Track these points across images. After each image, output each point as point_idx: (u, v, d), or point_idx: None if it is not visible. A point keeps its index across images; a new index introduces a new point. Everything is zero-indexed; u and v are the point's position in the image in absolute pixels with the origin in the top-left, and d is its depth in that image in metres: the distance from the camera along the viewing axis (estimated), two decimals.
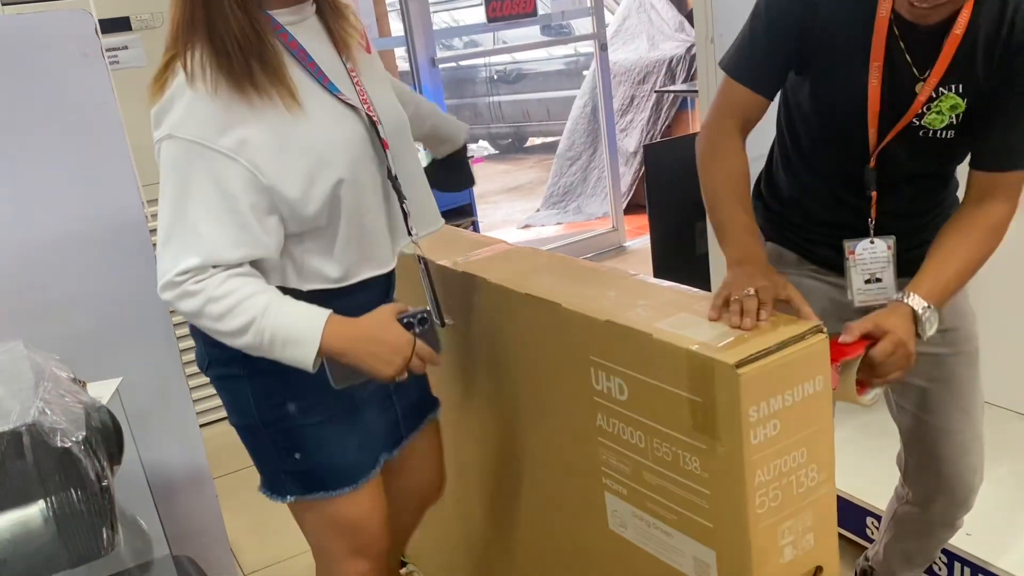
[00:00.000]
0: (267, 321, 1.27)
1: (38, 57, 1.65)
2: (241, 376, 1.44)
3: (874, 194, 1.49)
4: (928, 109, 1.40)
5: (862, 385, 1.33)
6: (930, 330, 1.37)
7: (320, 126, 1.34)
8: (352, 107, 1.38)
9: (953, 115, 1.40)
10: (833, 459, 1.27)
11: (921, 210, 1.55)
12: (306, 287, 1.40)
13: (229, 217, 1.27)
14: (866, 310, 1.43)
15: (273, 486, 1.55)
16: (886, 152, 1.46)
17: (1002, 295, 2.32)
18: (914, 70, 1.39)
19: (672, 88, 5.13)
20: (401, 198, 1.44)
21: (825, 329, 1.22)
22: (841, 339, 1.32)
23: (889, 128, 1.43)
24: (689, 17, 5.22)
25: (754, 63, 1.47)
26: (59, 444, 1.01)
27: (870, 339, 1.32)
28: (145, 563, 1.25)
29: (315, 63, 1.36)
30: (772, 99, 1.51)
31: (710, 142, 1.53)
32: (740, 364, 1.14)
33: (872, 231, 1.52)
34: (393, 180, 1.43)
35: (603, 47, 4.89)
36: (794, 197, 1.62)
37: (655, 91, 5.21)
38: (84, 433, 1.04)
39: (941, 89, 1.39)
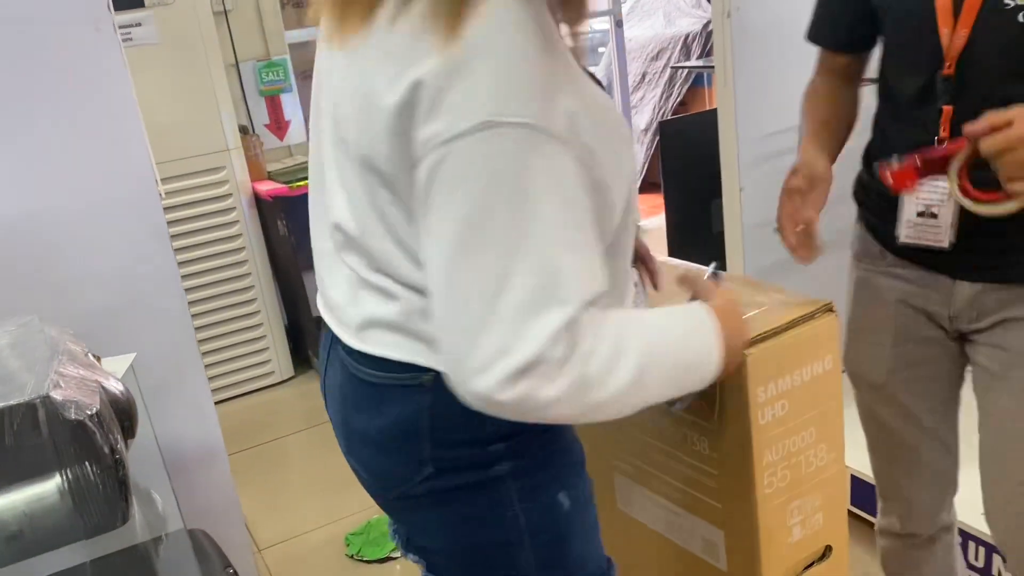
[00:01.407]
0: (660, 349, 0.91)
1: (51, 32, 1.65)
2: (502, 476, 0.97)
3: (946, 108, 1.20)
4: None
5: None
6: None
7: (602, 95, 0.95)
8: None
9: None
10: (843, 439, 1.27)
11: None
12: None
13: (582, 236, 0.85)
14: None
15: None
16: (969, 53, 1.18)
17: None
18: None
19: (688, 64, 5.09)
20: None
21: (835, 308, 1.22)
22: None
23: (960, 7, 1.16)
24: None
25: (819, 19, 1.45)
26: (73, 417, 1.02)
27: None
28: (159, 537, 1.26)
29: None
30: (851, 49, 1.43)
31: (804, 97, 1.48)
32: (747, 344, 1.14)
33: None
34: None
35: (619, 23, 4.85)
36: (875, 143, 1.42)
37: (672, 67, 5.17)
38: (98, 407, 1.06)
39: None
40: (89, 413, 1.04)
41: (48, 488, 1.04)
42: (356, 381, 0.98)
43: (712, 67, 2.76)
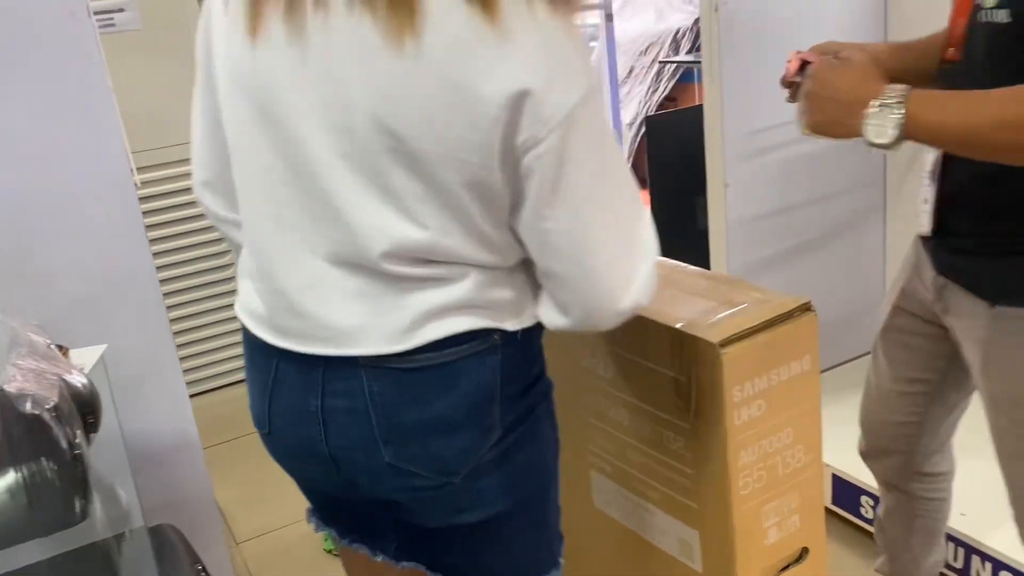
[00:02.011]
0: None
1: (22, 18, 1.61)
2: (541, 416, 1.08)
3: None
4: None
5: None
6: (871, 131, 1.07)
7: None
8: None
9: None
10: (820, 440, 1.25)
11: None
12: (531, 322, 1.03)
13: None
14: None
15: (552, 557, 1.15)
16: (969, 45, 1.16)
17: None
18: None
19: (676, 59, 5.07)
20: None
21: (814, 307, 1.20)
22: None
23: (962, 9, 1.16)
24: None
25: None
26: (29, 411, 0.99)
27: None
28: (121, 534, 1.24)
29: None
30: None
31: None
32: (724, 343, 1.12)
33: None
34: None
35: (609, 17, 4.82)
36: None
37: (659, 61, 5.15)
38: (56, 400, 1.03)
39: None
40: (47, 407, 1.01)
41: (1, 485, 1.01)
42: (409, 376, 0.98)
43: (699, 62, 2.75)
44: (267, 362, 1.05)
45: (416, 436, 1.00)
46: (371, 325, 0.97)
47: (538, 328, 1.04)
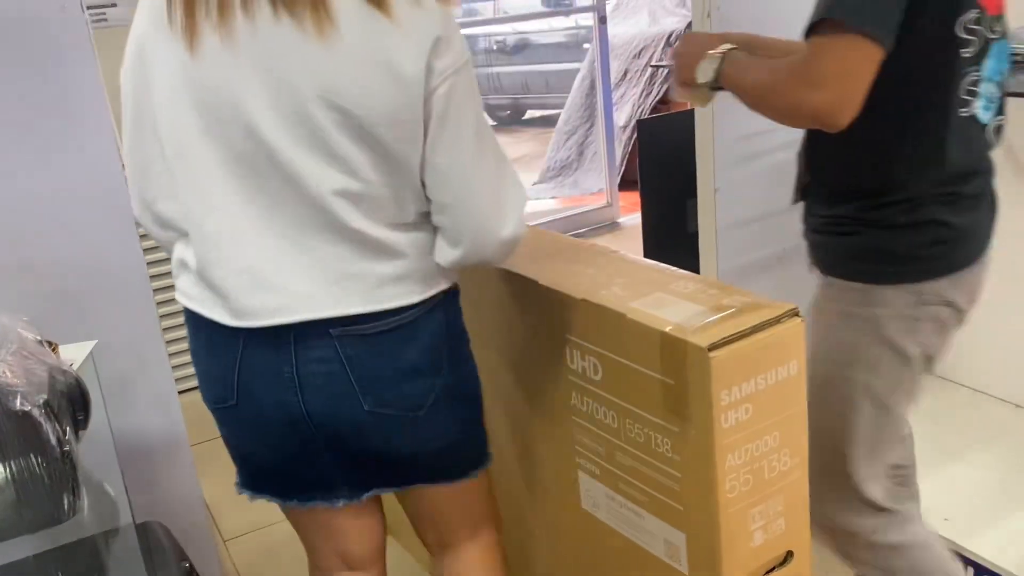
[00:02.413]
0: None
1: (13, 13, 1.61)
2: (468, 353, 1.33)
3: None
4: None
5: None
6: (699, 73, 1.36)
7: None
8: None
9: None
10: (806, 444, 1.26)
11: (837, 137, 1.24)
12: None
13: None
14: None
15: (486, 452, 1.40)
16: None
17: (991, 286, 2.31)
18: None
19: (668, 63, 5.08)
20: None
21: (800, 312, 1.20)
22: None
23: None
24: None
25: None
26: (18, 407, 0.99)
27: None
28: (109, 530, 1.23)
29: None
30: None
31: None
32: (712, 347, 1.12)
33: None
34: None
35: (602, 20, 4.83)
36: None
37: (651, 65, 5.16)
38: (45, 396, 1.03)
39: None
40: (37, 403, 1.01)
41: None
42: (377, 338, 1.18)
43: None
44: (231, 341, 1.19)
45: (389, 384, 1.20)
46: (332, 288, 1.15)
47: (457, 287, 1.29)
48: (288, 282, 1.14)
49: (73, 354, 1.53)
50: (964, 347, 2.40)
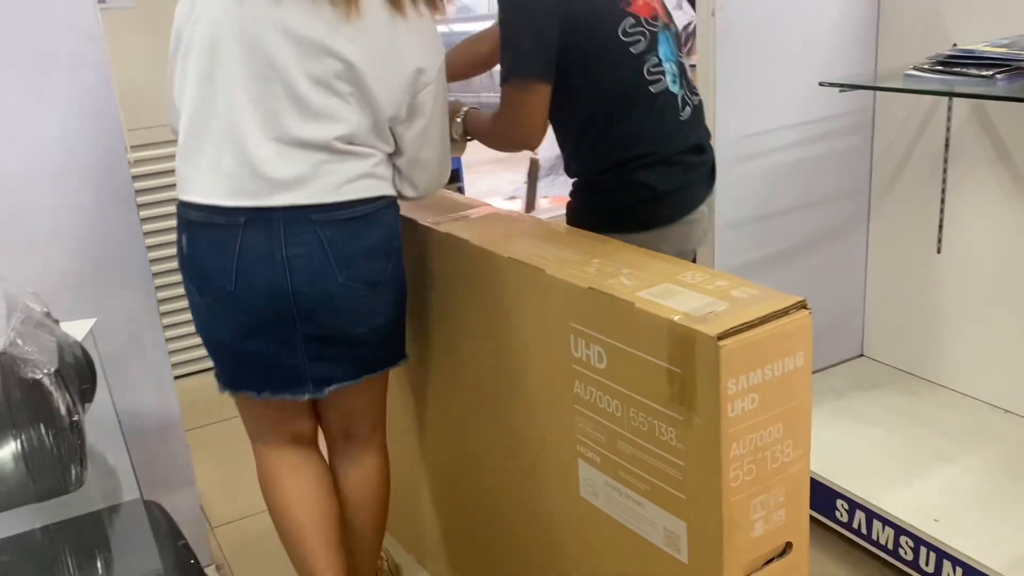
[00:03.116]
0: None
1: (11, 7, 1.60)
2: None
3: None
4: None
5: None
6: (454, 132, 1.89)
7: None
8: None
9: None
10: (809, 436, 1.27)
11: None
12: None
13: None
14: None
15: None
16: None
17: (977, 291, 2.33)
18: None
19: None
20: None
21: (808, 305, 1.21)
22: None
23: None
24: None
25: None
26: (30, 376, 0.99)
27: None
28: (115, 505, 1.23)
29: None
30: None
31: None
32: (722, 336, 1.13)
33: None
34: None
35: None
36: None
37: None
38: (56, 366, 1.02)
39: None
40: (47, 372, 1.00)
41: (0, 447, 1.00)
42: (348, 222, 1.52)
43: (694, 65, 2.77)
44: (231, 232, 1.48)
45: (358, 260, 1.54)
46: (315, 181, 1.48)
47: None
48: (280, 173, 1.46)
49: (73, 331, 1.51)
50: (954, 353, 2.44)
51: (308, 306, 1.52)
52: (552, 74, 1.68)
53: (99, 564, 1.24)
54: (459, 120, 1.90)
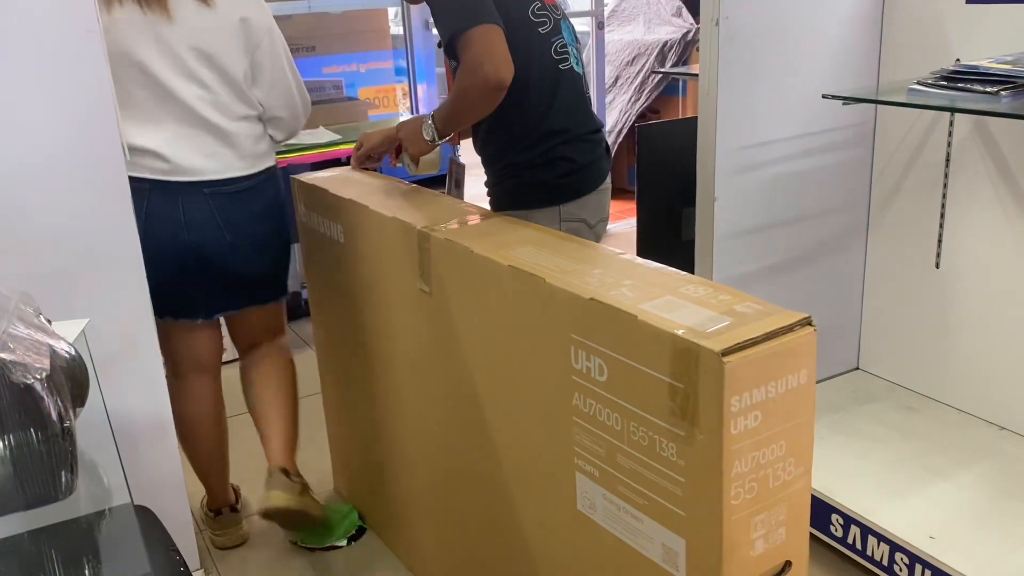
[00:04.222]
0: None
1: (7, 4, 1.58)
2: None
3: None
4: None
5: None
6: (426, 134, 1.94)
7: None
8: None
9: None
10: (811, 454, 1.26)
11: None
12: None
13: None
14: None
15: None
16: None
17: (975, 308, 2.32)
18: None
19: (671, 70, 5.10)
20: None
21: (813, 322, 1.20)
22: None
23: None
24: (686, 2, 5.17)
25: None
26: (21, 381, 0.96)
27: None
28: (102, 511, 1.21)
29: None
30: None
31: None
32: (726, 352, 1.12)
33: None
34: None
35: (600, 25, 4.83)
36: None
37: (652, 72, 5.18)
38: (47, 371, 1.00)
39: None
40: (38, 377, 0.98)
41: None
42: (235, 195, 2.06)
43: (695, 74, 2.76)
44: (173, 199, 2.03)
45: (244, 225, 2.08)
46: (207, 164, 2.01)
47: (277, 165, 2.19)
48: (178, 156, 1.98)
49: (65, 331, 1.49)
50: (951, 370, 2.43)
51: (203, 256, 2.05)
52: (500, 18, 1.77)
53: (87, 569, 1.22)
54: (429, 123, 1.92)
